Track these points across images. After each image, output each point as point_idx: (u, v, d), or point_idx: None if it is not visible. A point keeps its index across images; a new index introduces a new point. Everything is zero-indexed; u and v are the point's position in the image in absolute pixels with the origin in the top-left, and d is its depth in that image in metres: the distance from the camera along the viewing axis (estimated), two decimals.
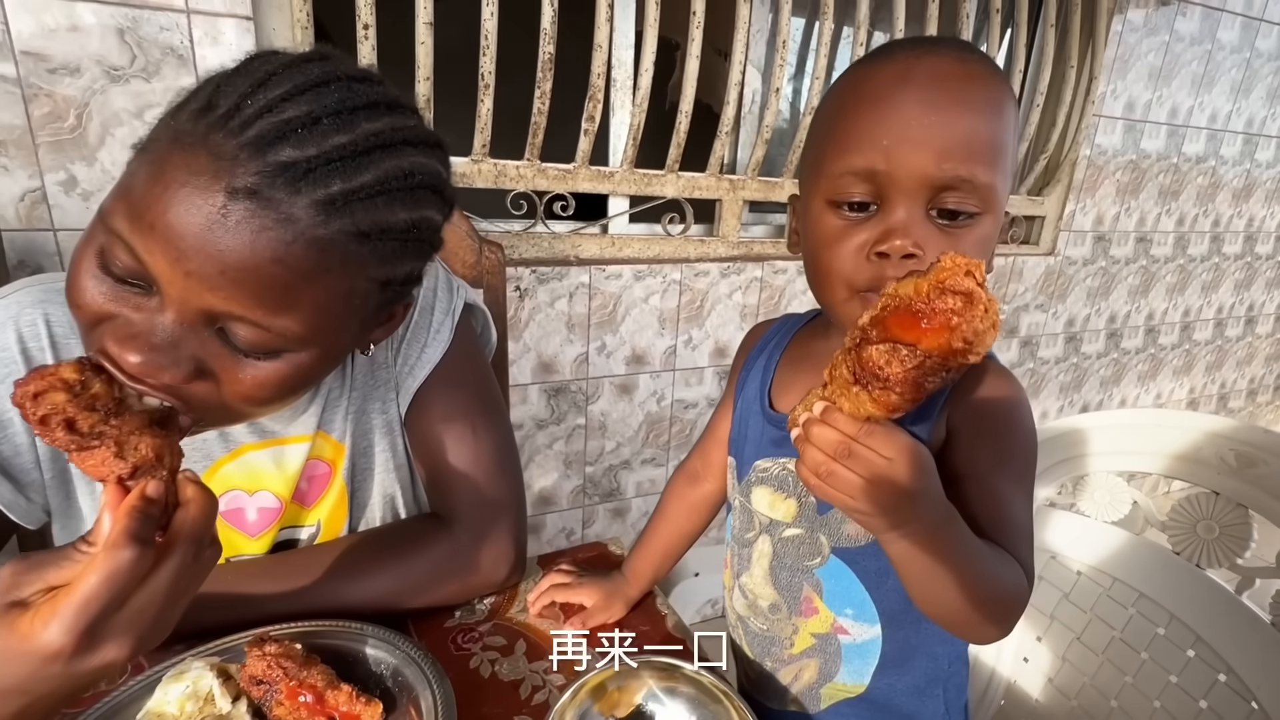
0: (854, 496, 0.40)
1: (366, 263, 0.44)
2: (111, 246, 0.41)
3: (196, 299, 0.41)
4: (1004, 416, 0.49)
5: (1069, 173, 1.91)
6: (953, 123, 0.43)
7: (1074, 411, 2.34)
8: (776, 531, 0.57)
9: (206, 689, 0.46)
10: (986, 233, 0.46)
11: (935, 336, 0.35)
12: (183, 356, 0.42)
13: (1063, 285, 2.09)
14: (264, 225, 0.39)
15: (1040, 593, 0.90)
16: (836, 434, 0.39)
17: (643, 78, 1.32)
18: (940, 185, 0.44)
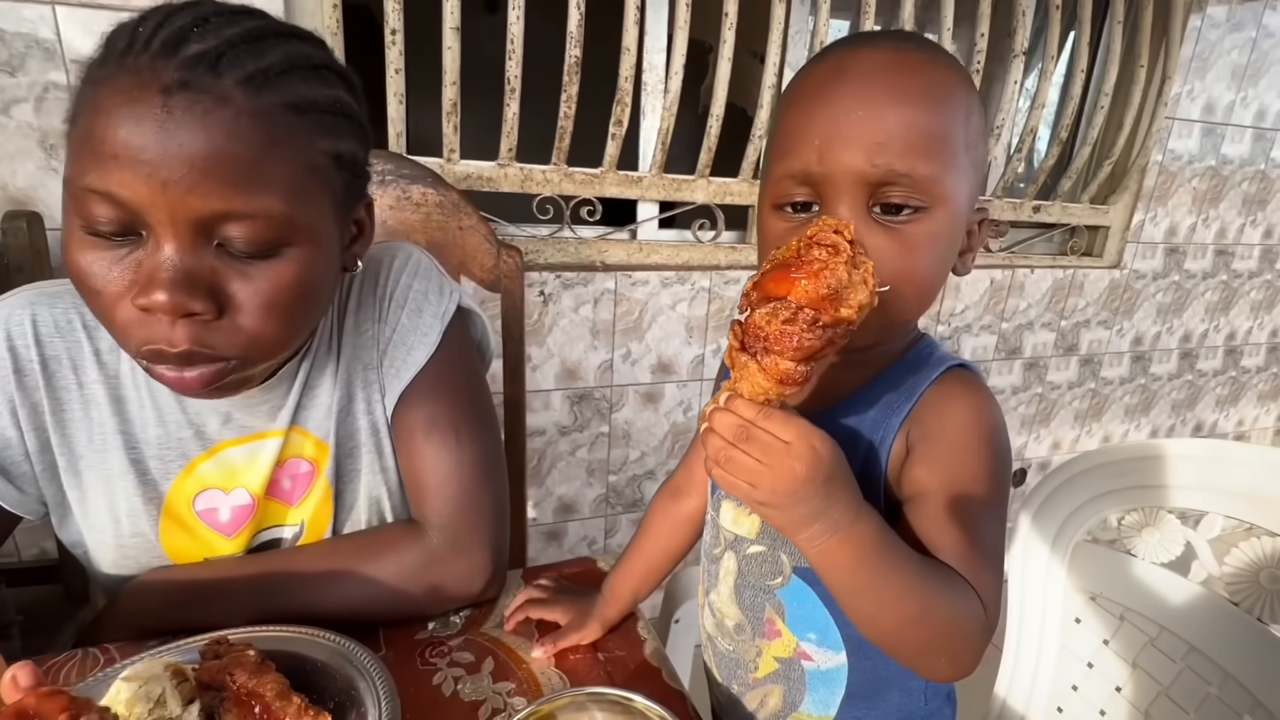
0: (752, 483, 0.38)
1: (310, 134, 0.47)
2: (89, 207, 0.43)
3: (182, 208, 0.43)
4: (967, 431, 0.45)
5: (1137, 180, 1.78)
6: (884, 115, 0.41)
7: (1140, 436, 2.18)
8: (741, 548, 0.54)
9: (159, 691, 0.46)
10: (937, 229, 0.43)
11: (802, 287, 0.35)
12: (200, 284, 0.45)
13: (1129, 300, 1.94)
14: (206, 108, 0.42)
15: (1077, 636, 0.82)
16: (735, 418, 0.38)
17: (672, 81, 1.30)
18: (876, 181, 0.42)
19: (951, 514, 0.43)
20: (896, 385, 0.48)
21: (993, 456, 0.45)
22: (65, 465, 0.57)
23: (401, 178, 0.99)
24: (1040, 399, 1.96)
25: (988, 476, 0.45)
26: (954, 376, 0.47)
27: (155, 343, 0.45)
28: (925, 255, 0.43)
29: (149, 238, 0.44)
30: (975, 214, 0.47)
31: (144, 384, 0.58)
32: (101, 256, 0.45)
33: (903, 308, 0.45)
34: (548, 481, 1.51)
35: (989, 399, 0.47)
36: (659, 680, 0.55)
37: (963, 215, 0.45)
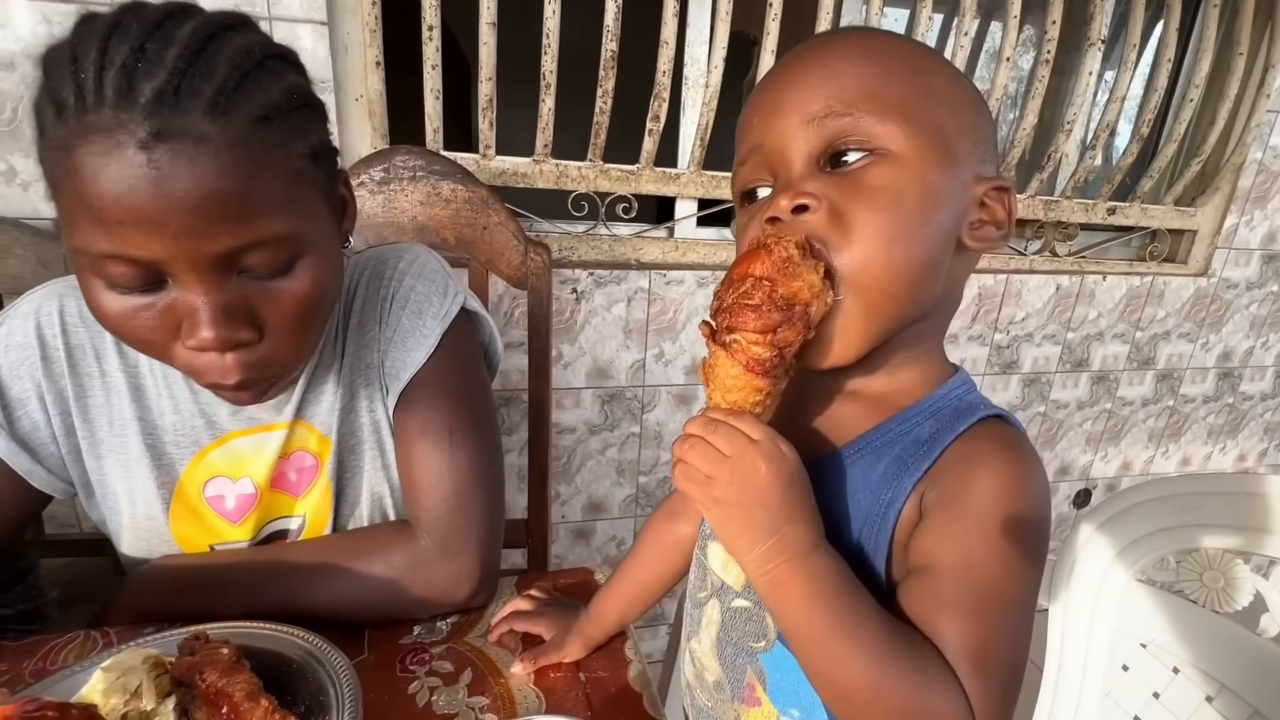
0: (711, 474, 0.37)
1: (284, 142, 0.47)
2: (108, 270, 0.45)
3: (199, 255, 0.44)
4: (995, 501, 0.37)
5: (1231, 180, 1.62)
6: (816, 78, 0.40)
7: (1225, 460, 1.99)
8: (726, 598, 0.49)
9: (136, 683, 0.46)
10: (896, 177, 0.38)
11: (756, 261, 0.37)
12: (238, 314, 0.47)
13: (1217, 311, 1.77)
14: (189, 154, 0.42)
15: (1124, 685, 0.74)
16: (704, 417, 0.39)
17: (713, 74, 1.26)
18: (819, 133, 0.39)
19: (960, 600, 0.36)
20: (914, 434, 0.41)
21: (1023, 538, 0.37)
22: (88, 449, 0.60)
23: (432, 174, 1.00)
24: (1109, 415, 1.82)
25: (1014, 562, 0.37)
26: (988, 431, 0.40)
27: (210, 377, 0.49)
28: (884, 199, 0.38)
29: (175, 283, 0.46)
30: (981, 184, 0.41)
31: (160, 373, 0.60)
32: (133, 308, 0.46)
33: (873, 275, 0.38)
34: (577, 480, 1.50)
35: (1030, 463, 0.39)
36: (638, 707, 0.52)
37: (936, 168, 0.39)
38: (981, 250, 0.43)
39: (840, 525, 0.41)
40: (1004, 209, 0.42)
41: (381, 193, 0.98)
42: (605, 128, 1.26)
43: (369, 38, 1.12)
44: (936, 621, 0.36)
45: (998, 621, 0.36)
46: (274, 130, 0.46)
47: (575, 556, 1.58)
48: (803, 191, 0.39)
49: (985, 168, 0.42)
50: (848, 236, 0.38)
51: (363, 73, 1.15)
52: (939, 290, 0.42)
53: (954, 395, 0.43)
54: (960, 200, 0.41)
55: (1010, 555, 0.37)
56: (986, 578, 0.37)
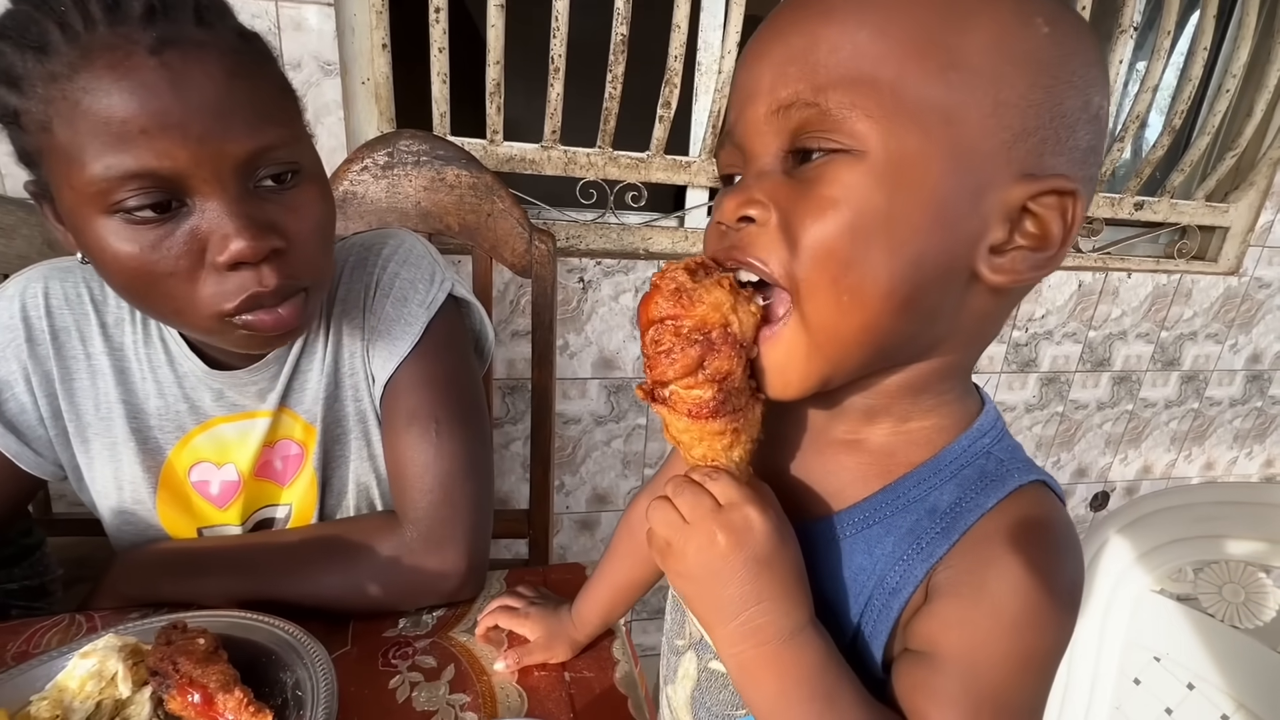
0: (668, 538, 0.34)
1: (263, 60, 0.48)
2: (123, 195, 0.43)
3: (222, 160, 0.44)
4: (1020, 598, 0.31)
5: (1268, 175, 1.55)
6: (791, 37, 0.32)
7: (1252, 466, 1.93)
8: (704, 655, 0.44)
9: (112, 671, 0.46)
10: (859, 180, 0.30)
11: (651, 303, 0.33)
12: (263, 222, 0.46)
13: (1247, 312, 1.71)
14: (195, 56, 0.43)
15: (1135, 699, 0.72)
16: (679, 476, 0.35)
17: (726, 60, 1.22)
18: (786, 127, 0.31)
19: (959, 701, 0.32)
20: (930, 500, 0.34)
21: (1042, 644, 0.32)
22: (74, 432, 0.59)
23: (437, 159, 0.98)
24: (1130, 416, 1.77)
25: (1026, 670, 0.32)
26: (1021, 506, 0.33)
27: (248, 290, 0.47)
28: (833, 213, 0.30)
29: (196, 202, 0.45)
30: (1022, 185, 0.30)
31: (145, 357, 0.59)
32: (154, 241, 0.45)
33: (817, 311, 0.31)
34: (582, 470, 1.49)
35: (1065, 551, 0.33)
36: (623, 710, 0.51)
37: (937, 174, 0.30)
38: (1008, 284, 0.32)
39: (837, 606, 0.36)
40: (1060, 222, 0.31)
41: (385, 177, 0.96)
42: (615, 114, 1.24)
43: (375, 19, 1.10)
44: (929, 717, 0.32)
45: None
46: (252, 47, 0.47)
47: (579, 547, 1.57)
48: (751, 198, 0.32)
49: (1045, 161, 0.31)
50: (794, 258, 0.31)
51: (369, 55, 1.14)
52: (938, 332, 0.33)
53: (979, 448, 0.35)
54: (972, 216, 0.31)
55: (1024, 661, 0.32)
56: (993, 682, 0.32)
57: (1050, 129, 0.30)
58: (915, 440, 0.36)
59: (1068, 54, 0.30)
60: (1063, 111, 0.30)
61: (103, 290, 0.59)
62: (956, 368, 0.36)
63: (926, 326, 0.33)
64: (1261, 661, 0.62)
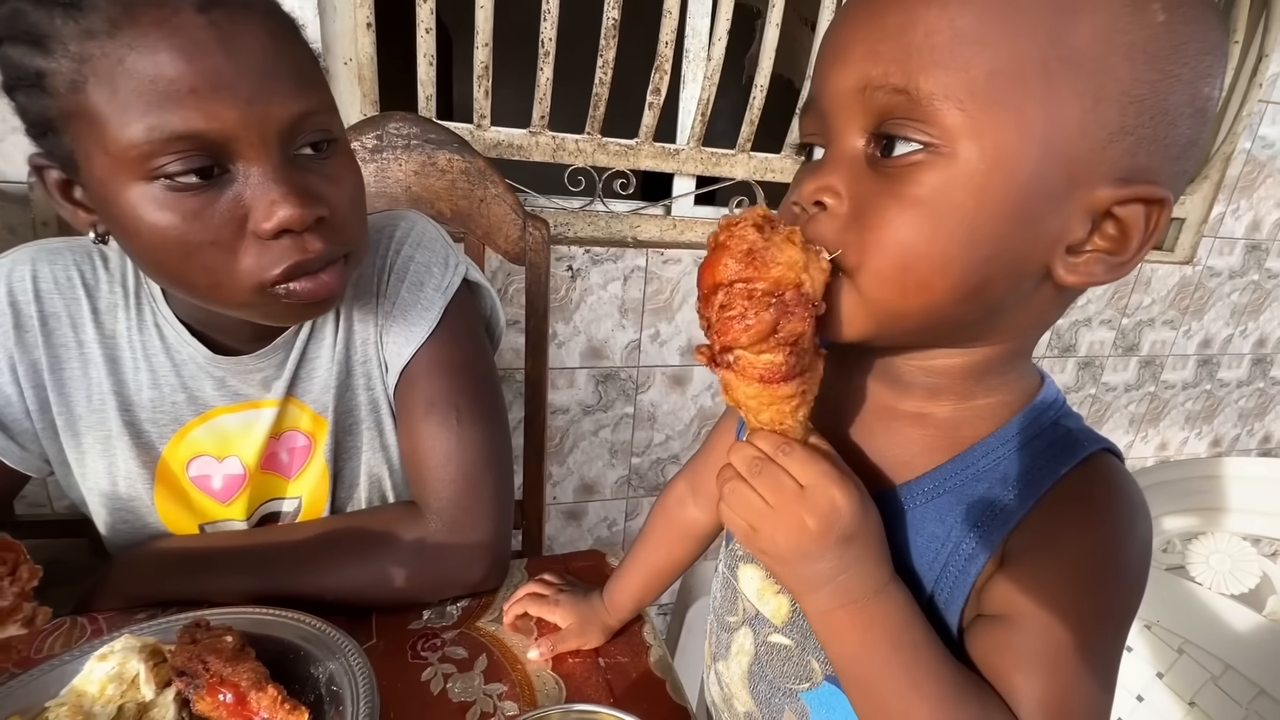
0: (753, 526, 0.33)
1: (297, 30, 0.47)
2: (165, 164, 0.41)
3: (270, 122, 0.43)
4: (1096, 558, 0.33)
5: (1220, 169, 1.63)
6: (887, 13, 0.30)
7: (1201, 445, 2.04)
8: (761, 630, 0.45)
9: (133, 672, 0.43)
10: (950, 181, 0.29)
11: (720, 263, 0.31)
12: (309, 189, 0.45)
13: (1200, 300, 1.80)
14: (242, 16, 0.41)
15: (1128, 665, 0.75)
16: (752, 450, 0.34)
17: (715, 48, 1.22)
18: (872, 107, 0.30)
19: (1040, 657, 0.32)
20: (1001, 469, 0.35)
21: (1118, 598, 0.33)
22: (64, 425, 0.56)
23: (428, 143, 0.95)
24: (1094, 400, 1.84)
25: (1104, 622, 0.33)
26: (1093, 474, 0.34)
27: (293, 258, 0.45)
28: (926, 219, 0.30)
29: (237, 169, 0.43)
30: (1113, 188, 0.29)
31: (139, 345, 0.56)
32: (195, 209, 0.42)
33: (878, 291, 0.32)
34: (569, 461, 1.48)
35: (1137, 512, 0.34)
36: (662, 694, 0.51)
37: (1029, 174, 0.29)
38: (1080, 285, 0.32)
39: (909, 573, 0.37)
40: (1140, 230, 0.30)
41: (374, 161, 0.93)
42: (605, 100, 1.22)
43: None
44: (1011, 676, 0.33)
45: (1078, 683, 0.32)
46: (288, 18, 0.46)
47: (566, 538, 1.56)
48: (828, 186, 0.32)
49: (1139, 161, 0.29)
50: (860, 249, 0.31)
51: (352, 35, 1.10)
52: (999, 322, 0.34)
53: (1045, 420, 0.36)
54: (1056, 215, 0.30)
55: (1101, 614, 0.33)
56: (1071, 637, 0.32)
57: (1150, 127, 0.29)
58: (980, 415, 0.37)
59: (1181, 43, 0.28)
60: (1166, 108, 0.29)
61: (94, 274, 0.56)
62: (1018, 352, 0.37)
63: (989, 316, 0.33)
64: (1248, 625, 0.66)
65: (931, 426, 0.38)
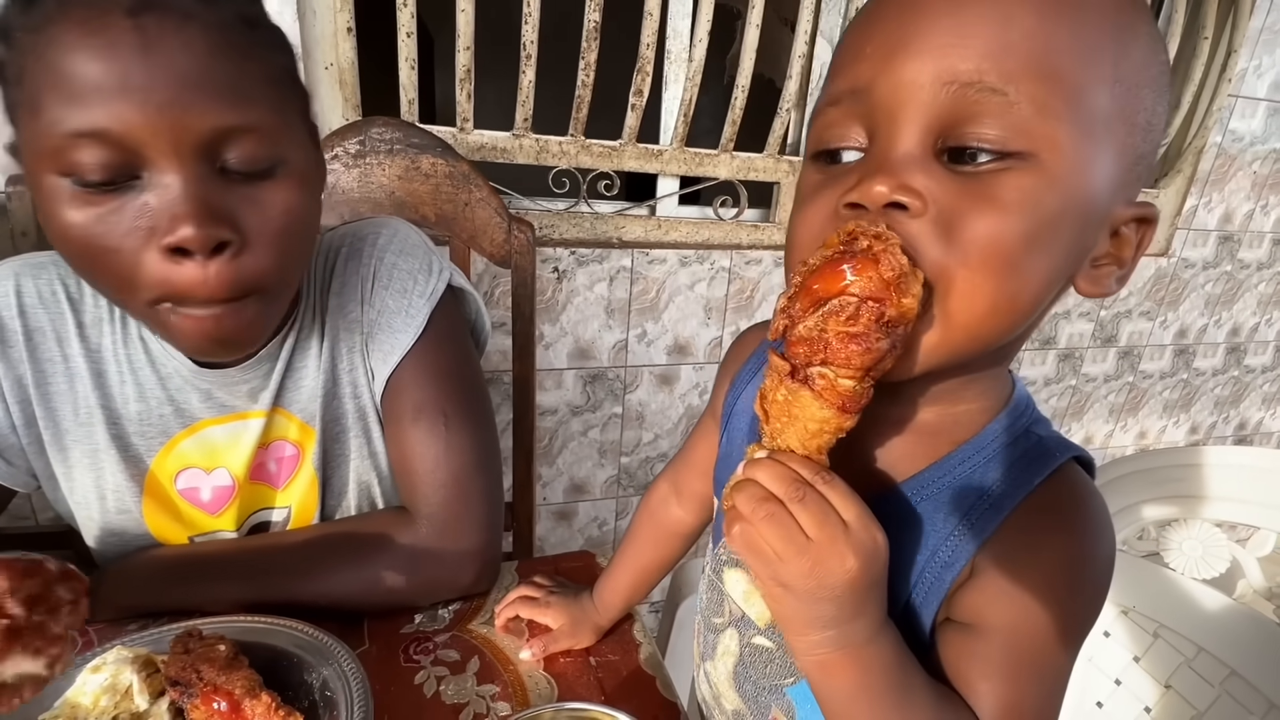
0: (781, 556, 0.30)
1: (266, 47, 0.46)
2: (76, 156, 0.40)
3: (183, 132, 0.41)
4: (1066, 572, 0.34)
5: (1193, 162, 1.67)
6: (982, 14, 0.28)
7: (1179, 433, 2.08)
8: (746, 632, 0.45)
9: (126, 683, 0.44)
10: (1038, 188, 0.28)
11: (861, 276, 0.28)
12: (220, 211, 0.43)
13: (1175, 291, 1.84)
14: (177, 24, 0.40)
15: (1106, 650, 0.77)
16: (788, 470, 0.30)
17: (696, 49, 1.23)
18: (949, 106, 0.28)
19: (1002, 666, 0.34)
20: (977, 480, 0.35)
21: (1082, 610, 0.35)
22: (50, 439, 0.56)
23: (411, 147, 0.96)
24: (1074, 391, 1.88)
25: (1066, 632, 0.34)
26: (1062, 486, 0.35)
27: (184, 281, 0.43)
28: (1015, 222, 0.28)
29: (150, 176, 0.42)
30: (1126, 208, 0.31)
31: (124, 359, 0.56)
32: (101, 214, 0.41)
33: (968, 312, 0.30)
34: (558, 461, 1.49)
35: (1103, 523, 0.35)
36: (652, 690, 0.52)
37: (1091, 190, 0.29)
38: (1094, 295, 0.34)
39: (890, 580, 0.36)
40: (1134, 246, 0.33)
41: (357, 166, 0.93)
42: (588, 101, 1.23)
43: (340, 2, 1.06)
44: (976, 683, 0.34)
45: (1035, 686, 0.34)
46: (256, 34, 0.45)
47: (557, 538, 1.57)
48: (907, 185, 0.29)
49: (1137, 187, 0.32)
50: (953, 259, 0.29)
51: (333, 39, 1.09)
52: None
53: (1019, 427, 0.37)
54: (1098, 232, 0.31)
55: (1061, 630, 0.34)
56: (1034, 646, 0.34)
57: (1151, 151, 0.31)
58: (960, 420, 0.37)
59: (1168, 79, 0.31)
60: (1159, 137, 0.32)
61: (79, 287, 0.56)
62: (1006, 356, 0.37)
63: (1028, 327, 0.34)
64: (1219, 607, 0.68)
65: (914, 432, 0.38)
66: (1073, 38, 0.28)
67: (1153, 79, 0.30)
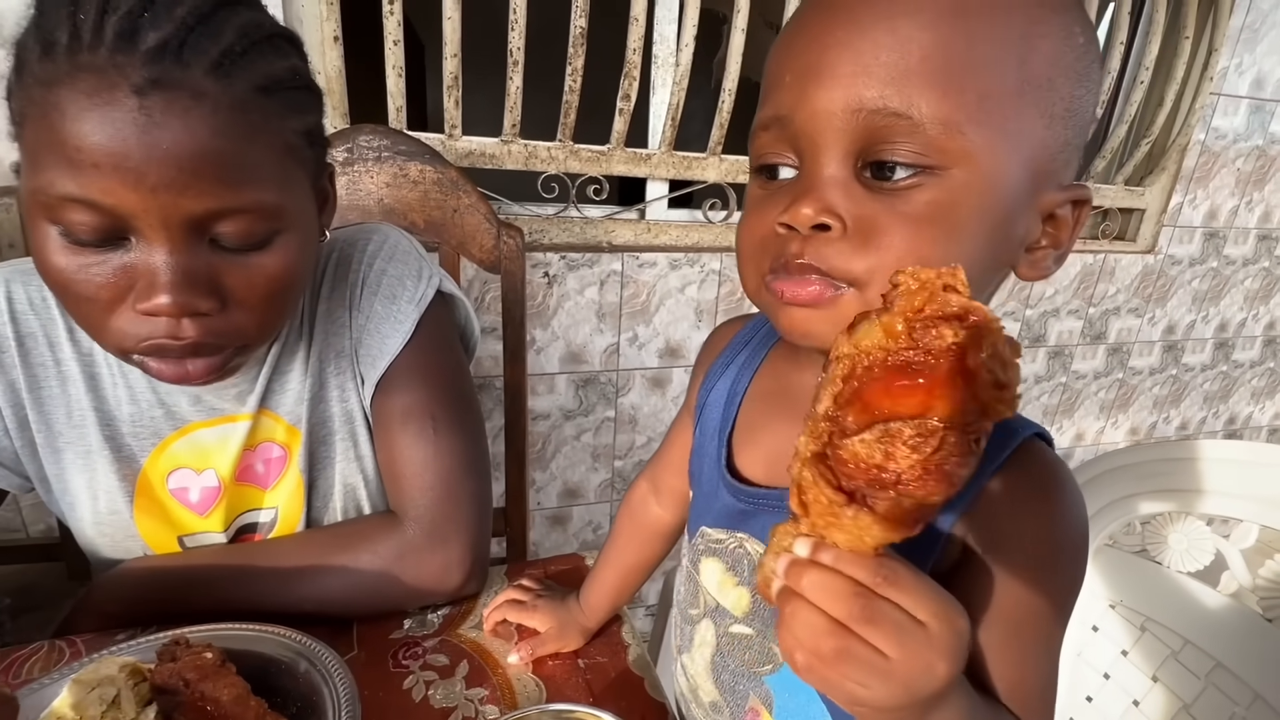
0: (868, 685, 0.26)
1: (281, 115, 0.46)
2: (68, 215, 0.41)
3: (174, 212, 0.41)
4: (1051, 542, 0.35)
5: (1177, 160, 1.68)
6: (874, 34, 0.30)
7: (1169, 429, 2.10)
8: (722, 622, 0.45)
9: (113, 693, 0.44)
10: (949, 200, 0.30)
11: (950, 396, 0.22)
12: (200, 282, 0.44)
13: (1163, 287, 1.85)
14: (185, 106, 0.40)
15: (1095, 645, 0.78)
16: (846, 583, 0.25)
17: (683, 53, 1.24)
18: (862, 130, 0.31)
19: (1013, 645, 0.35)
20: None
21: (1071, 577, 0.36)
22: (44, 442, 0.57)
23: (399, 154, 0.96)
24: (1064, 388, 1.89)
25: (1060, 601, 0.35)
26: (1031, 459, 0.35)
27: (157, 338, 0.44)
28: (929, 237, 0.31)
29: (138, 242, 0.43)
30: (1058, 193, 0.33)
31: (115, 363, 0.57)
32: (85, 264, 0.43)
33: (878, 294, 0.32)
34: (552, 466, 1.49)
35: (1074, 493, 0.35)
36: (640, 690, 0.52)
37: (1009, 188, 0.31)
38: (1035, 279, 0.35)
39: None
40: (1070, 227, 0.34)
41: (345, 174, 0.94)
42: (575, 107, 1.23)
43: (326, 11, 1.07)
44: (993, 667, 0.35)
45: (1038, 657, 0.35)
46: (274, 101, 0.44)
47: (551, 543, 1.57)
48: (829, 209, 0.32)
49: (1070, 169, 0.34)
50: (873, 270, 0.31)
51: (320, 48, 1.10)
52: None
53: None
54: (1028, 222, 0.33)
55: (1064, 597, 0.35)
56: (1034, 619, 0.35)
57: (1078, 136, 0.33)
58: None
59: (1090, 61, 0.32)
60: (1085, 120, 0.33)
61: None
62: None
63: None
64: (1204, 600, 0.69)
65: None
66: (970, 51, 0.29)
67: (1068, 68, 0.31)
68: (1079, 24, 0.32)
